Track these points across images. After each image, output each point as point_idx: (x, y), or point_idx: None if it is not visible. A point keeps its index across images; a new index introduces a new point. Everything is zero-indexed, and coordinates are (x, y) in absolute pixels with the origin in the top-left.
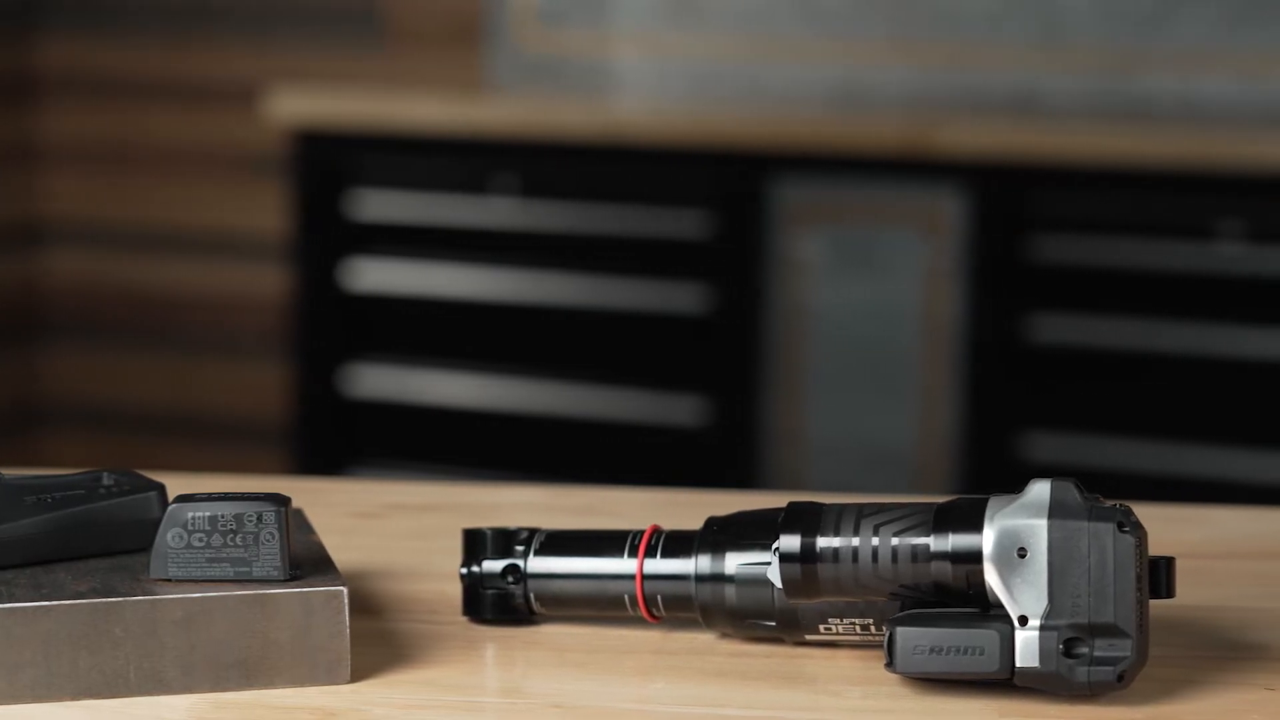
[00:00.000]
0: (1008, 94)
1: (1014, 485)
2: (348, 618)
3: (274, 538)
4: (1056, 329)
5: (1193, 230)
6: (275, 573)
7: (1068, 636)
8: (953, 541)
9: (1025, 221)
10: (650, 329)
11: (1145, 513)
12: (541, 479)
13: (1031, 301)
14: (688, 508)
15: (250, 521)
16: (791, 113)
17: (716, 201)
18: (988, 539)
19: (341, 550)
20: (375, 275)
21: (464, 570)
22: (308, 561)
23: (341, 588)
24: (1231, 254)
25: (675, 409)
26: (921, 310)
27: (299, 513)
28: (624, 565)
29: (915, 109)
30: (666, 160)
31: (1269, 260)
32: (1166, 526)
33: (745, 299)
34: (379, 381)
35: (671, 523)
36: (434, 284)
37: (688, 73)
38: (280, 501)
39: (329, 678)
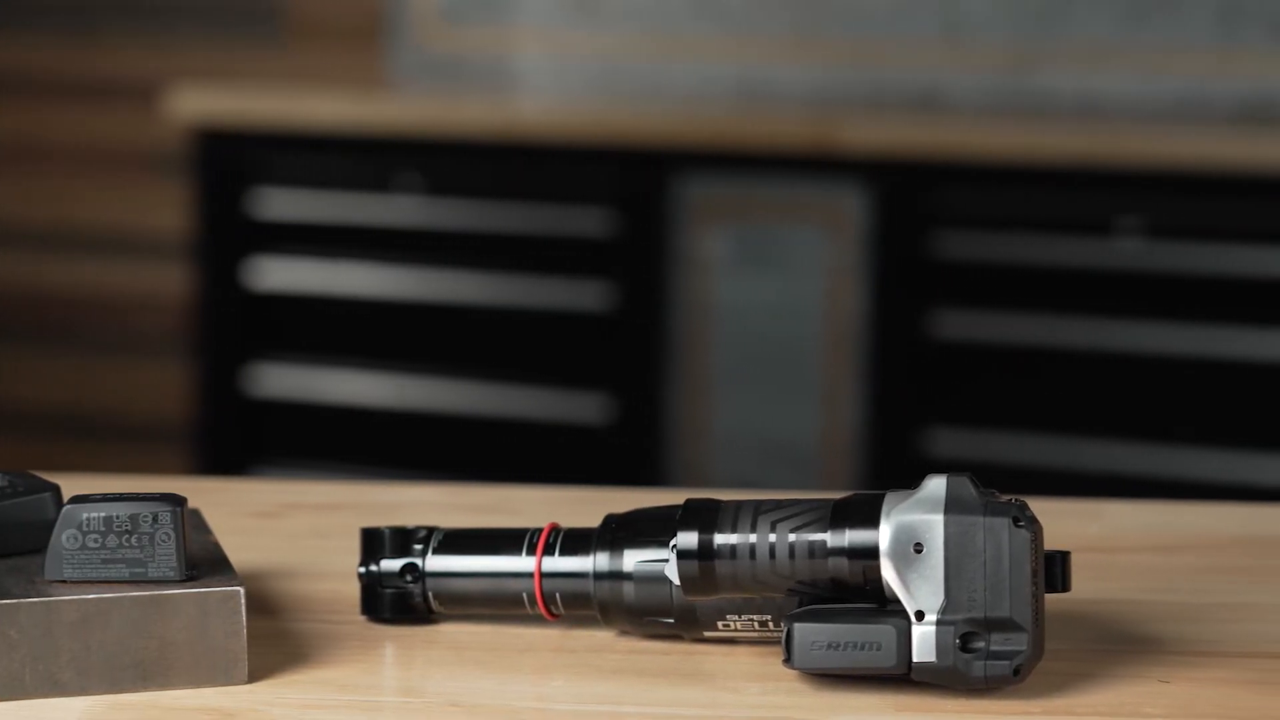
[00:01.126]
0: (910, 91)
1: (917, 480)
2: (244, 618)
3: (170, 538)
4: (958, 325)
5: (1092, 226)
6: (171, 573)
7: (964, 631)
8: (849, 537)
9: (927, 218)
10: (554, 327)
11: (1042, 507)
12: (448, 478)
13: (934, 297)
14: (587, 505)
15: (146, 522)
16: (694, 110)
17: (620, 199)
18: (884, 534)
19: (239, 550)
20: (278, 274)
21: (362, 569)
22: (204, 562)
23: (238, 588)
24: (1130, 250)
25: (580, 407)
26: (825, 306)
27: (196, 513)
28: (522, 563)
29: (818, 106)
30: (570, 158)
31: (1167, 256)
32: (1063, 521)
33: (649, 296)
34: (282, 381)
35: (571, 520)
36: (337, 282)
37: (590, 70)
38: (176, 502)
39: (226, 678)
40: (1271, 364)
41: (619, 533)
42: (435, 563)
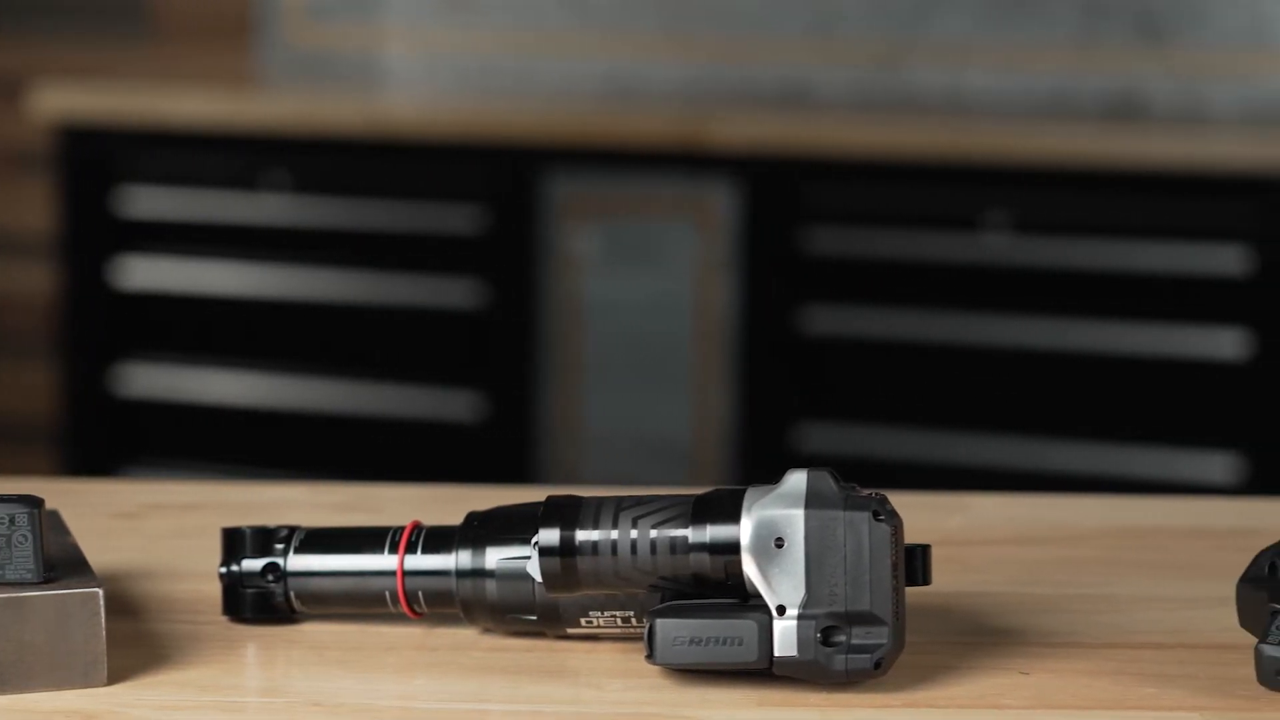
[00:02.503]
0: (779, 87)
1: (783, 475)
2: (104, 619)
3: (27, 540)
4: (828, 320)
5: (959, 221)
6: (29, 575)
7: (825, 625)
8: (710, 533)
9: (797, 213)
10: (424, 325)
11: (905, 501)
12: (320, 477)
13: (803, 293)
14: (451, 503)
15: (2, 524)
16: (564, 107)
17: (489, 196)
18: (745, 530)
19: (99, 551)
20: (145, 273)
21: (223, 569)
22: (63, 563)
23: (97, 589)
24: (996, 245)
25: (451, 405)
26: (695, 302)
27: (54, 514)
28: (384, 562)
29: (687, 102)
30: (439, 155)
31: (1032, 251)
32: (926, 514)
33: (519, 293)
34: (150, 381)
35: (434, 518)
36: (205, 281)
37: (459, 67)
38: (33, 503)
39: (86, 680)
40: (1134, 357)
41: (481, 530)
42: (297, 562)
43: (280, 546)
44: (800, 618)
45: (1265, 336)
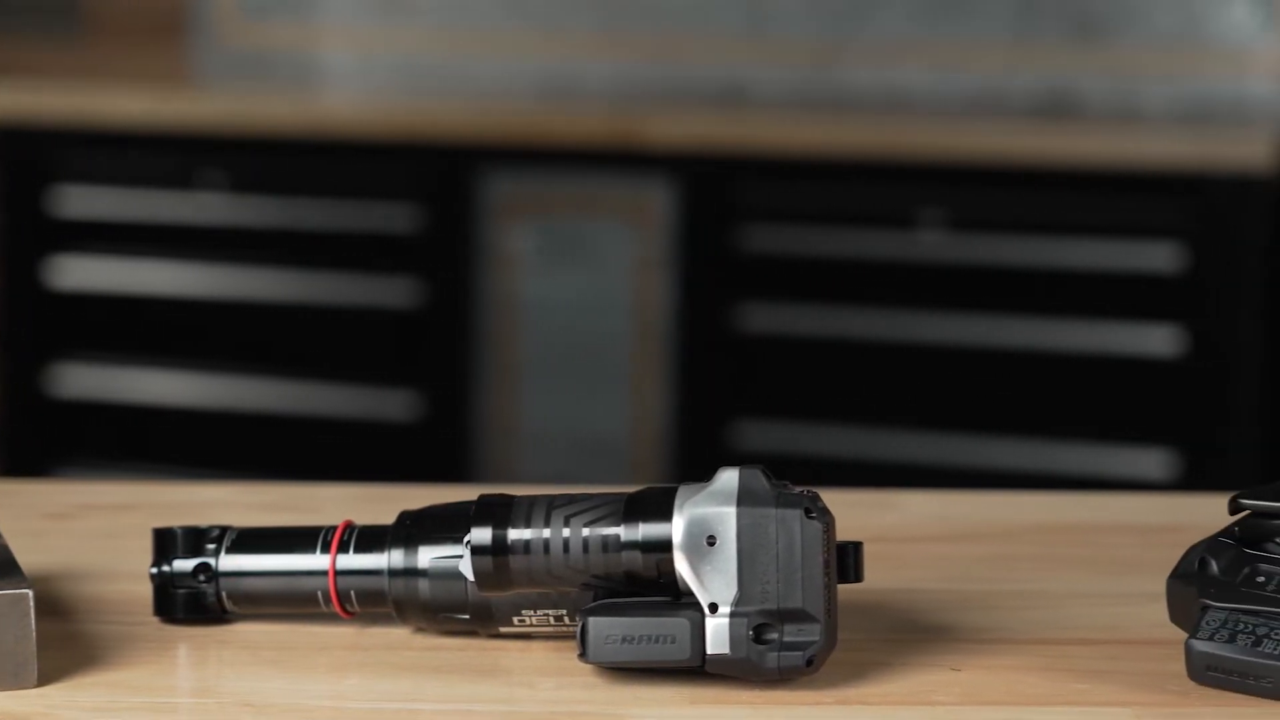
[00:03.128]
0: (714, 86)
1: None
2: (34, 621)
3: None
4: (765, 318)
5: (894, 219)
6: None
7: (757, 623)
8: (643, 531)
9: (733, 212)
10: (360, 324)
11: (838, 498)
12: (254, 477)
13: (740, 291)
14: (384, 502)
15: None
16: (499, 106)
17: (425, 195)
18: (677, 527)
19: (30, 553)
20: (80, 273)
21: (154, 570)
22: None
23: (27, 590)
24: (931, 242)
25: (387, 404)
26: (632, 301)
27: None
28: (316, 561)
29: (623, 101)
30: (374, 154)
31: (968, 248)
32: (859, 511)
33: (455, 292)
34: (85, 381)
35: (368, 518)
36: (141, 281)
37: (395, 66)
38: None
39: (15, 682)
40: (1068, 354)
41: (413, 530)
42: (228, 562)
43: (212, 547)
44: (732, 615)
45: (1198, 333)
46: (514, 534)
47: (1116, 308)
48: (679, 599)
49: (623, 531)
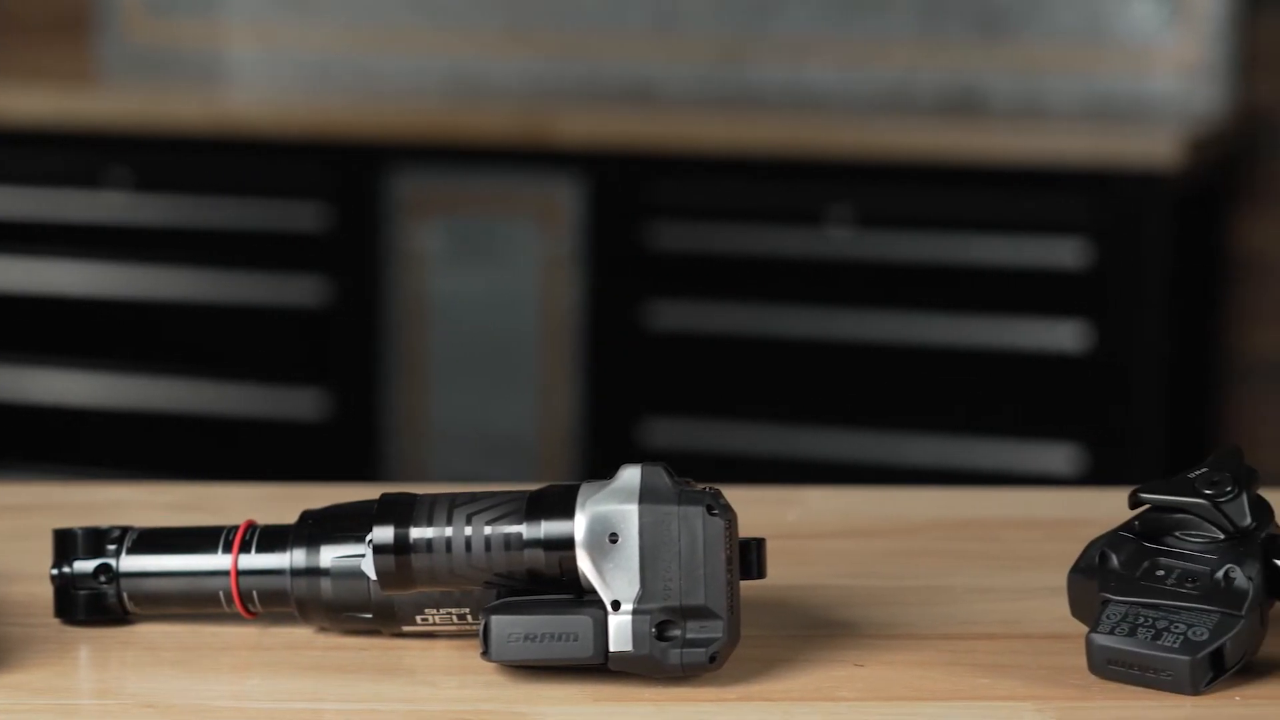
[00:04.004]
0: (623, 83)
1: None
2: None
3: None
4: (673, 315)
5: (802, 216)
6: None
7: (660, 620)
8: (545, 529)
9: (641, 209)
10: (268, 322)
11: (742, 495)
12: (162, 477)
13: (649, 288)
14: (289, 502)
15: None
16: (407, 104)
17: (333, 193)
18: (579, 525)
19: None
20: None
21: (54, 571)
22: None
23: None
24: (839, 239)
25: (295, 403)
26: (540, 298)
27: None
28: (218, 561)
29: (531, 99)
30: (282, 152)
31: (875, 245)
32: (762, 508)
33: (364, 291)
34: None
35: (272, 517)
36: (46, 280)
37: (302, 64)
38: None
39: None
40: (975, 350)
41: (316, 529)
42: (130, 563)
43: (113, 547)
44: (635, 613)
45: (1103, 329)
46: (416, 533)
47: (1022, 303)
48: (581, 597)
49: (525, 529)
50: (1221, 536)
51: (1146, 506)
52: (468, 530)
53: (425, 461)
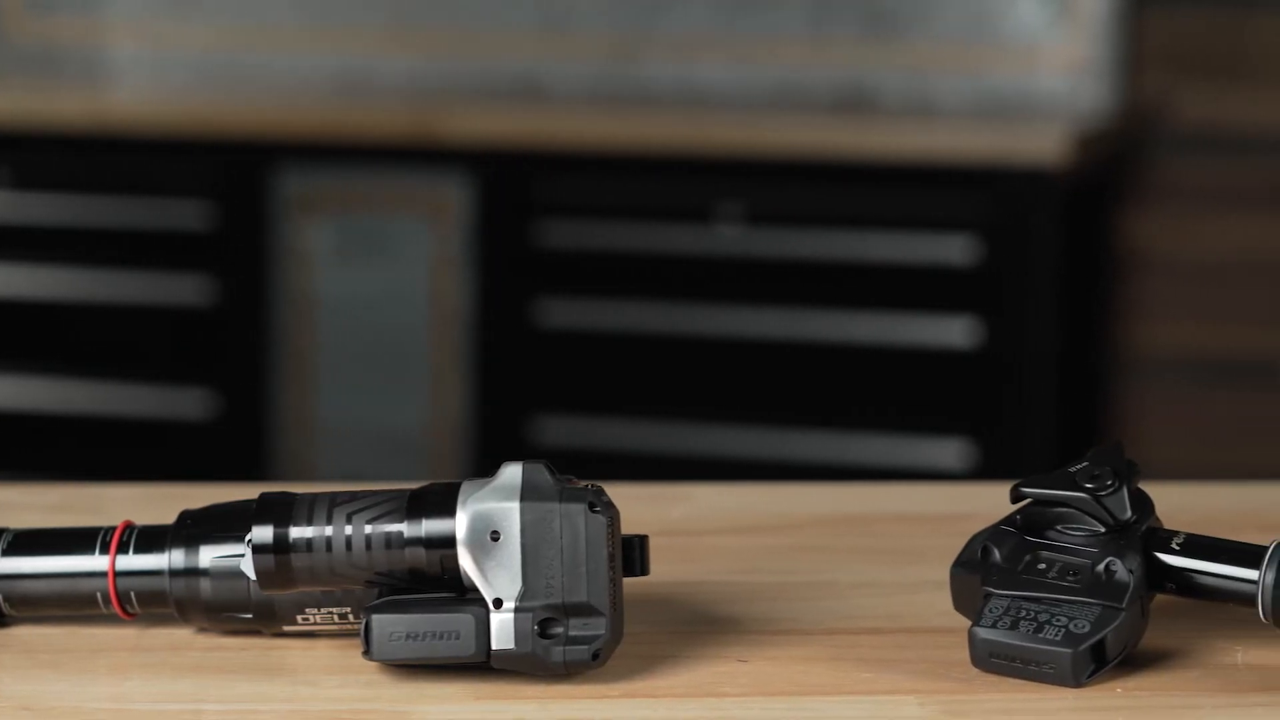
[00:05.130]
0: (511, 81)
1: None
2: None
3: None
4: (563, 313)
5: (693, 213)
6: None
7: (542, 618)
8: (426, 527)
9: (531, 207)
10: (154, 322)
11: (627, 492)
12: (46, 479)
13: (539, 286)
14: (171, 502)
15: None
16: (294, 102)
17: (219, 192)
18: (461, 523)
19: None
20: None
21: None
22: None
23: None
24: (730, 236)
25: (183, 402)
26: (430, 296)
27: None
28: (95, 563)
29: (419, 96)
30: (167, 151)
31: (766, 242)
32: (648, 505)
33: (251, 290)
34: None
35: (154, 517)
36: None
37: (186, 62)
38: None
39: None
40: (866, 346)
41: (194, 529)
42: (5, 565)
43: None
44: (517, 610)
45: (993, 324)
46: (296, 532)
47: (912, 300)
48: (463, 595)
49: (405, 528)
50: (1102, 530)
51: (1028, 501)
52: (348, 529)
53: (314, 461)
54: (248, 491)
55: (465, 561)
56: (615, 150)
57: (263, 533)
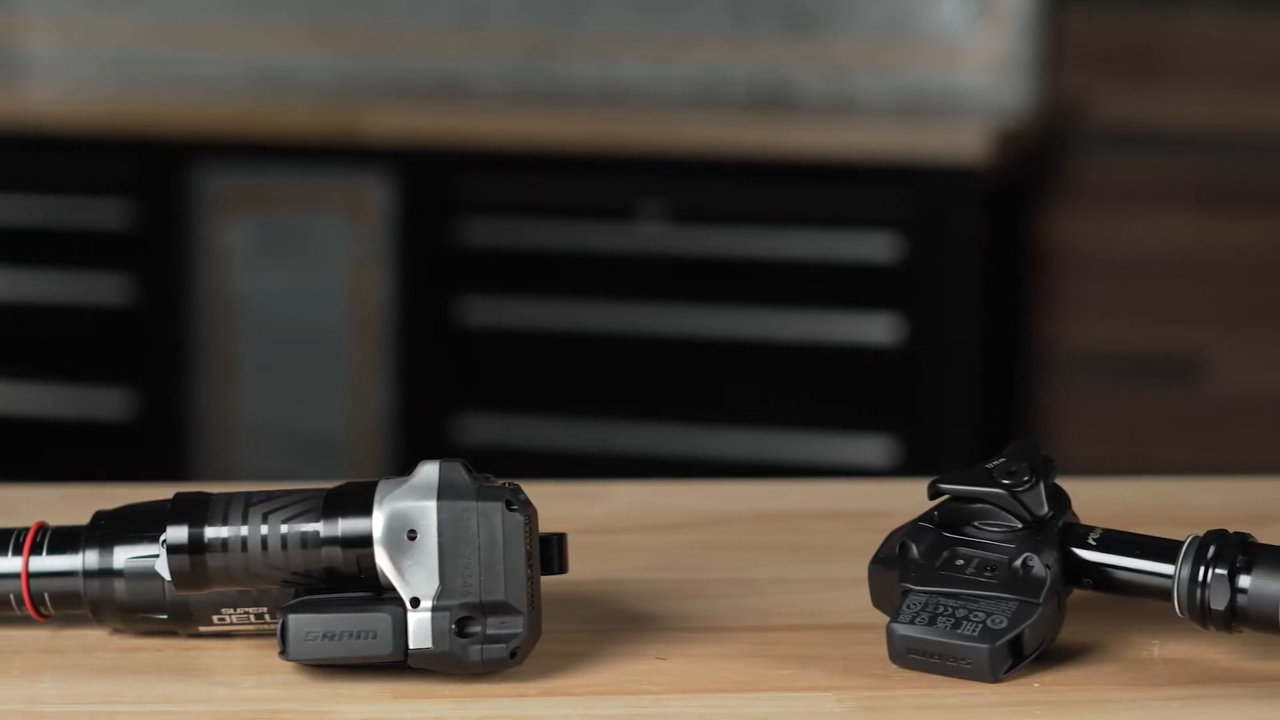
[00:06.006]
0: (432, 79)
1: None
2: None
3: None
4: (485, 311)
5: (614, 211)
6: None
7: (460, 616)
8: (342, 527)
9: (452, 205)
10: (72, 321)
11: (545, 490)
12: None
13: (460, 284)
14: (84, 503)
15: None
16: (213, 100)
17: (138, 190)
18: (377, 522)
19: None
20: None
21: None
22: None
23: None
24: (652, 234)
25: (101, 402)
26: (351, 295)
27: None
28: (7, 564)
29: (339, 94)
30: (84, 148)
31: (687, 240)
32: (566, 503)
33: (170, 289)
34: None
35: (67, 519)
36: None
37: (104, 59)
38: None
39: None
40: (789, 344)
41: (109, 530)
42: None
43: None
44: (434, 610)
45: (915, 321)
46: (211, 532)
47: (834, 297)
48: (381, 594)
49: (322, 527)
50: (1019, 525)
51: (946, 497)
52: (264, 529)
53: (235, 461)
54: (164, 492)
55: (382, 561)
56: (536, 148)
57: (177, 533)
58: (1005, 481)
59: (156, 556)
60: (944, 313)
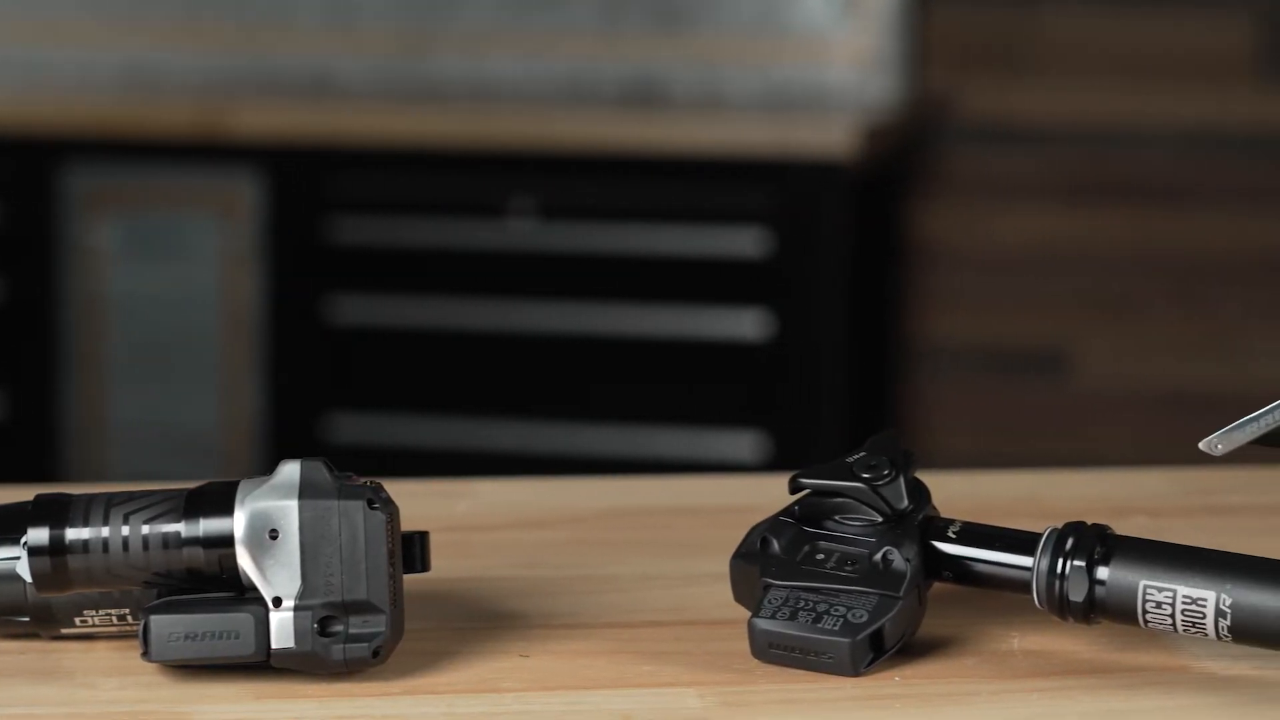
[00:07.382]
0: (301, 76)
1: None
2: None
3: None
4: (357, 310)
5: (485, 208)
6: None
7: (322, 616)
8: (203, 527)
9: (322, 203)
10: None
11: (409, 489)
12: None
13: (331, 283)
14: None
15: None
16: (80, 98)
17: (5, 190)
18: (239, 522)
19: None
20: None
21: None
22: None
23: None
24: (523, 230)
25: None
26: (221, 294)
27: None
28: None
29: (207, 92)
30: None
31: (558, 236)
32: (431, 501)
33: (39, 289)
34: None
35: None
36: None
37: None
38: None
39: None
40: (659, 340)
41: None
42: None
43: None
44: (297, 609)
45: (784, 316)
46: (72, 533)
47: (704, 293)
48: (243, 594)
49: (183, 528)
50: (880, 519)
51: (807, 491)
52: (125, 530)
53: (105, 462)
54: (31, 494)
55: (244, 560)
56: (406, 145)
57: (38, 534)
58: (865, 476)
59: (18, 559)
60: (813, 307)
